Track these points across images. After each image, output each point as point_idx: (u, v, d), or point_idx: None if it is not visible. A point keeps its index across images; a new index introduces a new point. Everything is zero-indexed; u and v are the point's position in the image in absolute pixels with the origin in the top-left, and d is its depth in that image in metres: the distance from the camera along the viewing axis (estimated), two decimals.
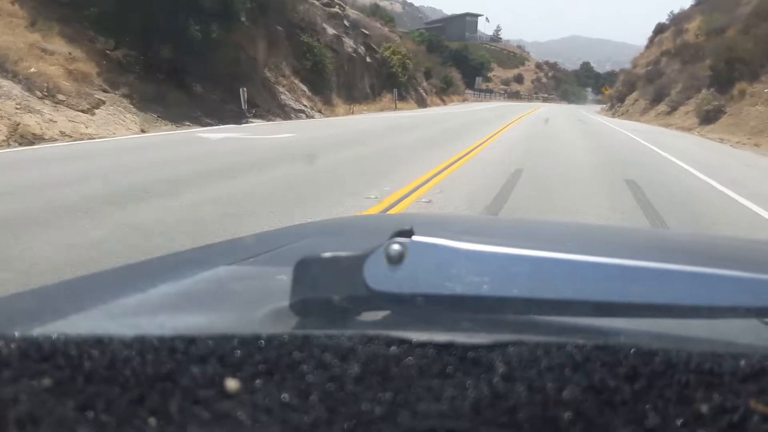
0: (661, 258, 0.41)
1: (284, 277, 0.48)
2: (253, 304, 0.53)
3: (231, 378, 0.29)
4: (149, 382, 0.28)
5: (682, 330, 0.46)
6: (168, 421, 0.27)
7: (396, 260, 0.40)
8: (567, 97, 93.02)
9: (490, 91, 76.51)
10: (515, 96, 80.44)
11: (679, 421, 0.28)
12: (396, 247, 0.40)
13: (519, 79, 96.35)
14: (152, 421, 0.27)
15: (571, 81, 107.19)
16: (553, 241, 1.01)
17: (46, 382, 0.28)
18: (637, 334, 0.44)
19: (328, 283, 0.42)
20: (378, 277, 0.40)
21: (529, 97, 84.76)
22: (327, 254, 0.43)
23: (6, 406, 0.27)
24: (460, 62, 63.81)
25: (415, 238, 0.40)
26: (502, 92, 80.00)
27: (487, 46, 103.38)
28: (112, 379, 0.28)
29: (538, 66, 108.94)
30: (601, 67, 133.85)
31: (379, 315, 0.44)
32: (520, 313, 0.41)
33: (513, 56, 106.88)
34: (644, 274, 0.39)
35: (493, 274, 0.39)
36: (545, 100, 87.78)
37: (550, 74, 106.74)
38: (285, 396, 0.28)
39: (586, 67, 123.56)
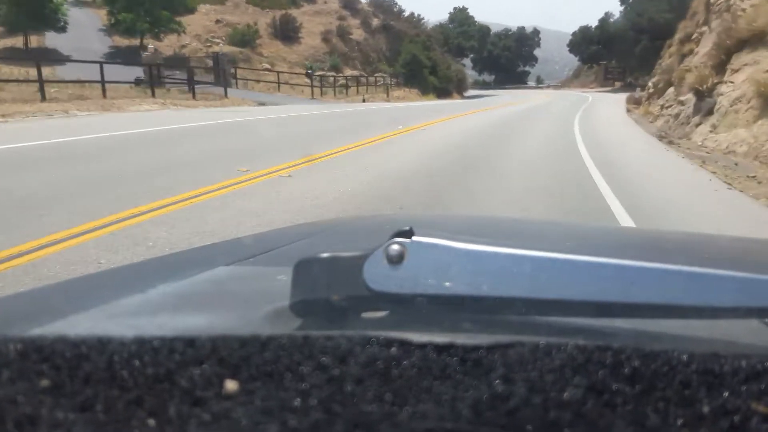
0: (662, 258, 0.41)
1: (284, 277, 0.49)
2: (253, 305, 0.54)
3: (230, 379, 0.29)
4: (148, 383, 0.28)
5: (682, 330, 0.46)
6: (167, 422, 0.26)
7: (396, 260, 0.40)
8: (417, 78, 36.40)
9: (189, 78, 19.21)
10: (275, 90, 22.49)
11: (680, 422, 0.28)
12: (396, 247, 0.40)
13: (288, 36, 37.92)
14: (151, 422, 0.26)
15: (432, 43, 49.77)
16: (554, 241, 1.01)
17: (45, 382, 0.28)
18: (637, 335, 0.45)
19: (328, 283, 0.42)
20: (378, 277, 0.40)
21: (303, 82, 27.28)
22: (327, 254, 0.43)
23: (4, 408, 0.26)
24: None
25: (415, 238, 0.40)
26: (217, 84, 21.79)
27: None
28: (111, 380, 0.28)
29: (348, 5, 44.93)
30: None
31: (379, 315, 0.45)
32: (521, 314, 0.41)
33: None
34: (645, 275, 0.39)
35: (494, 274, 0.39)
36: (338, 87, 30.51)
37: (374, 24, 45.39)
38: (284, 397, 0.28)
39: (459, 16, 65.27)
